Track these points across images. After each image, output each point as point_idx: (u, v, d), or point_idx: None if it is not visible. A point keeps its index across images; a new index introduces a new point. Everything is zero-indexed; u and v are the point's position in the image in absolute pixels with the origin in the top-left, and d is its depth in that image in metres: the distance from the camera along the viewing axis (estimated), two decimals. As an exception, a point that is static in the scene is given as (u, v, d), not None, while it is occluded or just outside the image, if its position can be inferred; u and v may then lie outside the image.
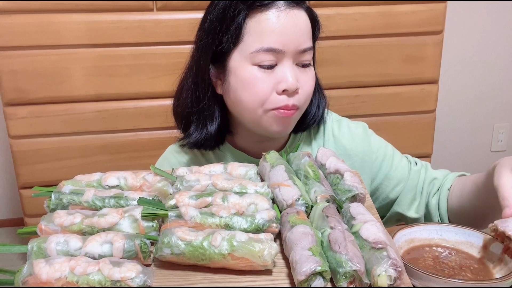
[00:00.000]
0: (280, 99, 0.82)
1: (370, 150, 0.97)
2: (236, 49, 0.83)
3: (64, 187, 0.71)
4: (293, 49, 0.82)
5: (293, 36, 0.81)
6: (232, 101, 0.87)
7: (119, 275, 0.54)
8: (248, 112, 0.85)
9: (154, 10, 1.77)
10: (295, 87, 0.82)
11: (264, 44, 0.80)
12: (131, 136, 1.87)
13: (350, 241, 0.57)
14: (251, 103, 0.83)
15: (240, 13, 0.81)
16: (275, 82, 0.82)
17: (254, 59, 0.81)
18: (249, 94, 0.83)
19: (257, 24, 0.81)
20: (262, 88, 0.82)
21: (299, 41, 0.82)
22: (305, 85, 0.85)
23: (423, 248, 0.70)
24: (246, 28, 0.82)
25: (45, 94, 1.77)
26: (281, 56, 0.82)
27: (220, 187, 0.71)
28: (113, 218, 0.63)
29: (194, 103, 0.91)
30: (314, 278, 0.54)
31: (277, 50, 0.81)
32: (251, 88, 0.82)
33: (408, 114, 2.03)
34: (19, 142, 1.81)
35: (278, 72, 0.82)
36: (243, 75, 0.83)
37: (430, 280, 0.59)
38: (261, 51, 0.81)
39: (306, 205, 0.67)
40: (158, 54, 1.78)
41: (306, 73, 0.85)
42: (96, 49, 1.76)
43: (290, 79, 0.81)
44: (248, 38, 0.82)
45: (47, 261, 0.57)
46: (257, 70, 0.82)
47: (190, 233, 0.59)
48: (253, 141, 0.94)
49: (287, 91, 0.82)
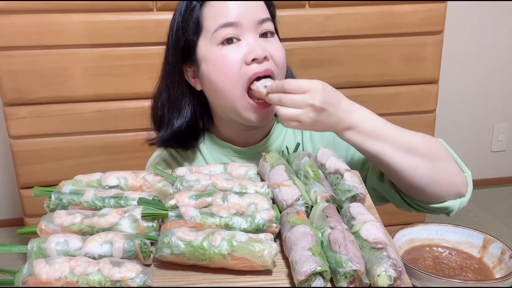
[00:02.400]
0: (251, 68, 0.84)
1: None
2: (200, 38, 0.88)
3: (64, 187, 0.71)
4: (251, 19, 0.86)
5: (246, 9, 0.86)
6: (210, 89, 0.89)
7: (119, 275, 0.54)
8: (225, 95, 0.87)
9: (154, 10, 1.77)
10: (263, 54, 0.84)
11: (221, 21, 0.85)
12: (131, 136, 1.87)
13: (350, 241, 0.57)
14: (226, 82, 0.86)
15: (195, 6, 0.88)
16: (242, 55, 0.84)
17: (216, 38, 0.85)
18: (221, 74, 0.86)
19: (211, 8, 0.87)
20: (231, 63, 0.85)
21: (254, 12, 0.86)
22: (275, 52, 0.87)
23: (423, 248, 0.70)
24: (203, 16, 0.87)
25: (45, 94, 1.77)
26: (240, 30, 0.85)
27: (220, 187, 0.71)
28: (113, 218, 0.63)
29: (165, 104, 0.95)
30: (314, 278, 0.54)
31: (234, 23, 0.85)
32: (222, 67, 0.85)
33: (408, 114, 2.03)
34: (19, 142, 1.81)
35: (243, 45, 0.85)
36: (212, 58, 0.86)
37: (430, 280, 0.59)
38: (219, 28, 0.85)
39: (306, 205, 0.67)
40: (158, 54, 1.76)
41: (271, 42, 0.88)
42: (96, 49, 1.76)
43: (257, 48, 0.84)
44: (206, 24, 0.87)
45: (47, 261, 0.57)
46: (222, 48, 0.85)
47: (190, 233, 0.59)
48: (238, 131, 0.95)
49: (257, 60, 0.84)
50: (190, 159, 0.99)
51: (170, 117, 0.94)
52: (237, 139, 0.97)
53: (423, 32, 1.93)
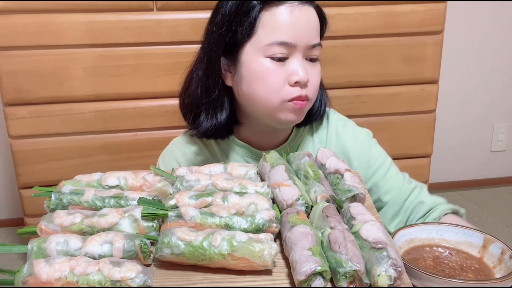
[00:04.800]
0: (294, 90, 0.85)
1: (368, 155, 0.97)
2: (249, 42, 0.85)
3: (64, 187, 0.71)
4: (304, 43, 0.84)
5: (305, 31, 0.84)
6: (244, 92, 0.88)
7: (119, 275, 0.54)
8: (262, 103, 0.87)
9: (154, 10, 1.77)
10: (306, 80, 0.84)
11: (278, 37, 0.83)
12: (131, 136, 1.87)
13: (350, 241, 0.57)
14: (266, 94, 0.85)
15: (255, 6, 0.84)
16: (286, 74, 0.84)
17: (267, 52, 0.84)
18: (263, 86, 0.85)
19: (271, 17, 0.83)
20: (274, 80, 0.84)
21: (310, 36, 0.85)
22: (314, 78, 0.87)
23: (423, 248, 0.70)
24: (260, 21, 0.84)
25: (45, 94, 1.77)
26: (292, 50, 0.84)
27: (220, 187, 0.71)
28: (113, 218, 0.63)
29: (204, 94, 0.92)
30: (314, 278, 0.54)
31: (290, 43, 0.83)
32: (264, 80, 0.84)
33: (408, 114, 2.03)
34: (19, 142, 1.81)
35: (289, 65, 0.85)
36: (256, 68, 0.85)
37: (430, 280, 0.59)
38: (275, 44, 0.83)
39: (306, 205, 0.67)
40: (158, 54, 1.78)
41: (314, 67, 0.88)
42: (96, 49, 1.75)
43: (301, 72, 0.84)
44: (261, 31, 0.84)
45: (47, 261, 0.57)
46: (269, 62, 0.84)
47: (190, 233, 0.59)
48: (259, 133, 0.96)
49: (299, 83, 0.84)
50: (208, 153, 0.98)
51: (211, 110, 0.92)
52: (256, 142, 0.97)
53: (423, 32, 1.93)
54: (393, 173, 0.97)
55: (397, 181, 0.96)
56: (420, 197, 0.94)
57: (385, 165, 0.97)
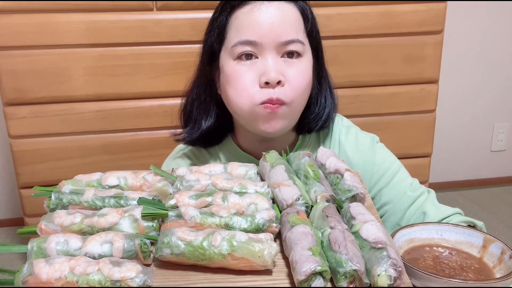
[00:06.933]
0: (264, 93, 0.81)
1: (372, 162, 0.93)
2: (223, 48, 0.86)
3: (64, 187, 0.71)
4: (272, 41, 0.81)
5: (270, 28, 0.81)
6: (225, 99, 0.89)
7: (119, 275, 0.54)
8: (234, 108, 0.86)
9: (154, 10, 1.77)
10: (276, 79, 0.80)
11: (241, 37, 0.82)
12: (131, 136, 1.87)
13: (350, 241, 0.57)
14: (236, 97, 0.84)
15: (224, 12, 0.85)
16: (257, 75, 0.82)
17: (234, 53, 0.83)
18: (234, 89, 0.84)
19: (236, 20, 0.84)
20: (244, 81, 0.82)
21: (279, 32, 0.81)
22: (293, 78, 0.82)
23: (423, 248, 0.70)
24: (228, 25, 0.85)
25: (45, 94, 1.77)
26: (260, 49, 0.82)
27: (220, 187, 0.71)
28: (113, 218, 0.63)
29: (195, 101, 0.93)
30: (314, 278, 0.54)
31: (253, 42, 0.81)
32: (235, 83, 0.83)
33: (408, 114, 2.03)
34: (19, 142, 1.81)
35: (259, 65, 0.82)
36: (227, 71, 0.84)
37: (430, 280, 0.59)
38: (238, 44, 0.82)
39: (306, 205, 0.67)
40: (158, 54, 1.78)
41: (293, 66, 0.83)
42: (96, 49, 1.76)
43: (271, 71, 0.80)
44: (229, 35, 0.84)
45: (47, 261, 0.57)
46: (237, 64, 0.83)
47: (190, 233, 0.59)
48: (255, 141, 0.94)
49: (270, 84, 0.80)
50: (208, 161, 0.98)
51: (198, 117, 0.93)
52: (256, 150, 0.95)
53: (423, 32, 1.93)
54: (398, 180, 0.93)
55: (401, 188, 0.92)
56: (423, 207, 0.89)
57: (390, 171, 0.93)
